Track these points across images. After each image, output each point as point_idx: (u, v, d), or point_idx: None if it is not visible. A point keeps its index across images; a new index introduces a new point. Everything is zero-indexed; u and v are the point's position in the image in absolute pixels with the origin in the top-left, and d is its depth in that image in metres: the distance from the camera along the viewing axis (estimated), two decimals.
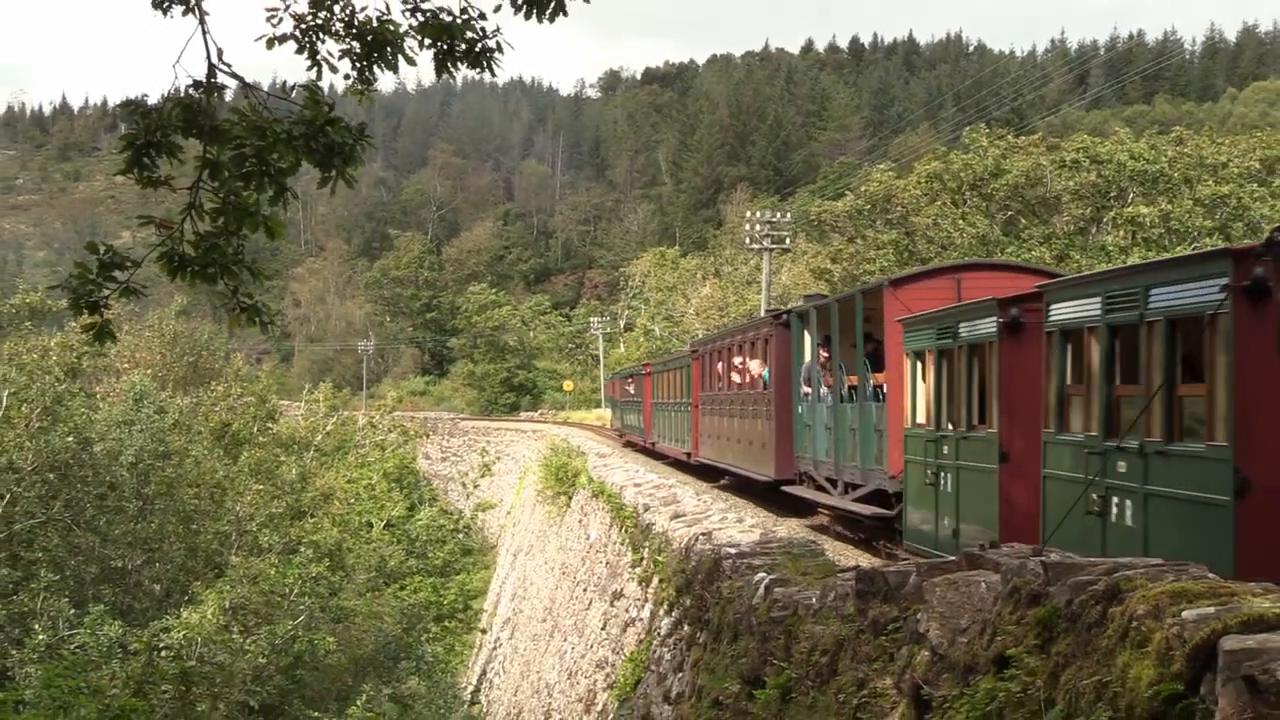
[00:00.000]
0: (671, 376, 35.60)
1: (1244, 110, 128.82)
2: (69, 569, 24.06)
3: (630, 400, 47.10)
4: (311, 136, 7.74)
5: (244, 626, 22.00)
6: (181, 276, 8.04)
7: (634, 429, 45.69)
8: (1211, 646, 4.77)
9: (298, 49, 8.41)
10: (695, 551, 15.58)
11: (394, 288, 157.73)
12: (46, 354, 27.81)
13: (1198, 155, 44.42)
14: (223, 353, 53.63)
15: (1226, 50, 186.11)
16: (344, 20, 8.43)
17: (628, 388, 48.02)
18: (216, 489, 28.01)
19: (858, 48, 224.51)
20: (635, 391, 45.32)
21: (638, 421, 44.02)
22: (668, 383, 36.29)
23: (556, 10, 8.08)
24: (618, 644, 20.23)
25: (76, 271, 7.91)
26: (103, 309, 8.04)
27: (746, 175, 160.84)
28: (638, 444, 44.26)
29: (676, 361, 35.64)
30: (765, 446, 22.90)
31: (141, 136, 7.81)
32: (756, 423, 23.70)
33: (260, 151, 7.64)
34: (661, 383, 37.68)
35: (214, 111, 7.93)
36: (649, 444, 40.54)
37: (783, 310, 24.09)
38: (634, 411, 45.68)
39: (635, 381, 45.77)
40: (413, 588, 40.04)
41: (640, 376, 43.81)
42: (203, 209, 8.00)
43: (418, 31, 8.28)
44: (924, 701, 7.24)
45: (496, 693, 37.69)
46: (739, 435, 25.44)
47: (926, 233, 47.60)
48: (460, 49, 8.26)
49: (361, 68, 8.46)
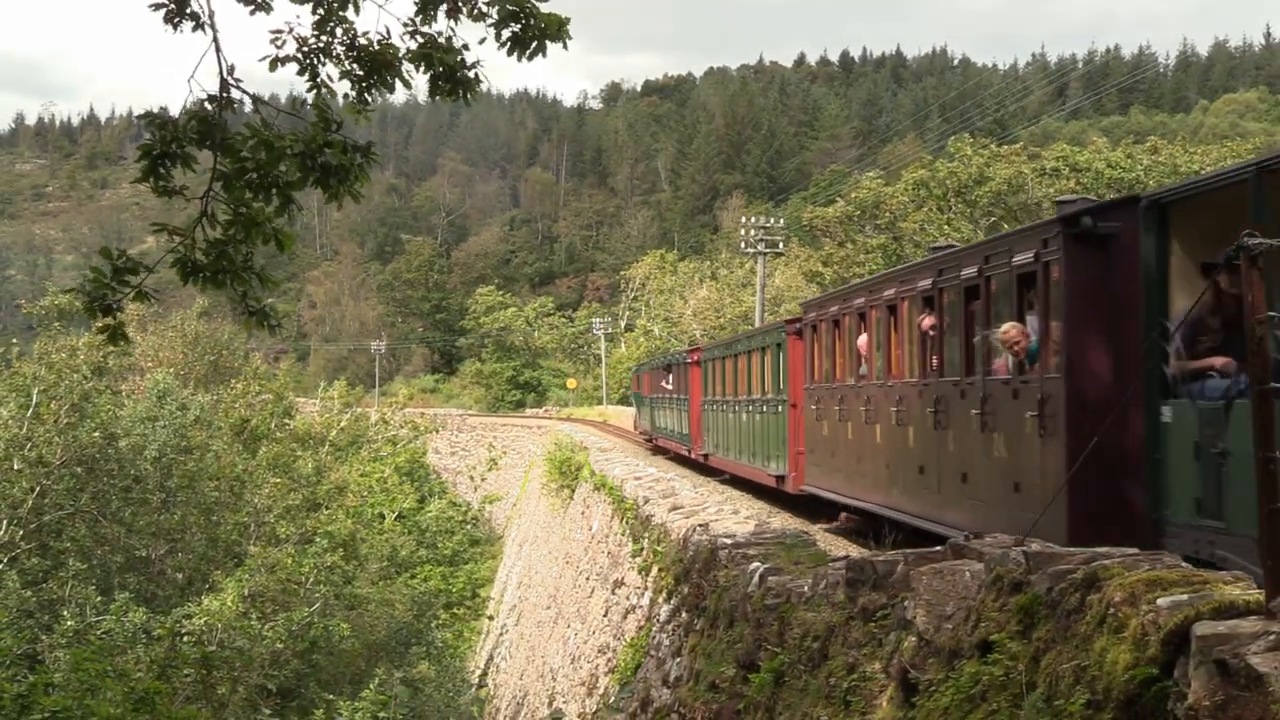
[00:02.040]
0: (742, 364, 25.70)
1: (1215, 121, 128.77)
2: (96, 558, 24.27)
3: (667, 397, 37.54)
4: (309, 156, 7.82)
5: (262, 613, 22.36)
6: (194, 281, 8.13)
7: (671, 434, 36.69)
8: (1185, 632, 4.85)
9: (299, 70, 8.37)
10: (693, 542, 15.66)
11: (405, 290, 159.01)
12: (74, 353, 27.21)
13: (1172, 164, 44.55)
14: (242, 352, 52.06)
15: (1198, 64, 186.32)
16: (345, 44, 8.38)
17: (663, 381, 38.52)
18: (236, 482, 28.20)
19: (848, 61, 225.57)
20: (676, 386, 35.51)
21: (678, 424, 34.78)
22: (734, 372, 26.48)
23: (536, 51, 8.11)
24: (619, 630, 20.46)
25: (91, 275, 7.91)
26: (116, 312, 8.02)
27: (742, 182, 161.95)
28: (676, 453, 35.79)
29: (754, 342, 24.90)
30: (1035, 481, 10.88)
31: (158, 147, 7.85)
32: (999, 438, 11.74)
33: (264, 165, 7.72)
34: (721, 373, 28.01)
35: (225, 125, 7.96)
36: (698, 455, 30.74)
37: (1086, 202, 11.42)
38: (672, 411, 36.32)
39: (677, 373, 35.53)
40: (423, 576, 40.70)
41: (683, 366, 33.94)
42: (214, 218, 8.04)
43: (410, 58, 8.28)
44: (911, 685, 7.29)
45: (503, 677, 37.89)
46: (940, 456, 13.39)
47: (914, 237, 47.81)
48: (441, 75, 8.23)
49: (361, 89, 8.41)
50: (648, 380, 44.17)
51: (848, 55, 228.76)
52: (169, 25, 8.01)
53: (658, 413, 40.15)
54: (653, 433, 41.49)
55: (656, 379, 40.58)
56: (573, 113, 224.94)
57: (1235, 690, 4.41)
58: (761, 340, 24.31)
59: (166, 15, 8.01)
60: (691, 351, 34.17)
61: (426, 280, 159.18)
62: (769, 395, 22.83)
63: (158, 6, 7.98)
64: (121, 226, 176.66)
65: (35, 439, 24.40)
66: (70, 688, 13.96)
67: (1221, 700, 4.47)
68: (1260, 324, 5.26)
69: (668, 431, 37.44)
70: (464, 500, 62.31)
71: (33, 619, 20.85)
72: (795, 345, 21.10)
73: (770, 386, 22.84)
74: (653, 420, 41.75)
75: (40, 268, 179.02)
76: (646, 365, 49.14)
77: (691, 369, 32.11)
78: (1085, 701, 5.31)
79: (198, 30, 8.00)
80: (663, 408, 38.64)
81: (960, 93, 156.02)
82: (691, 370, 32.09)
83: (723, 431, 27.47)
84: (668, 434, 37.45)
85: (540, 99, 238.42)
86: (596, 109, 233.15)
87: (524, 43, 8.11)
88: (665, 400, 37.91)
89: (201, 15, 8.02)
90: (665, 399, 37.84)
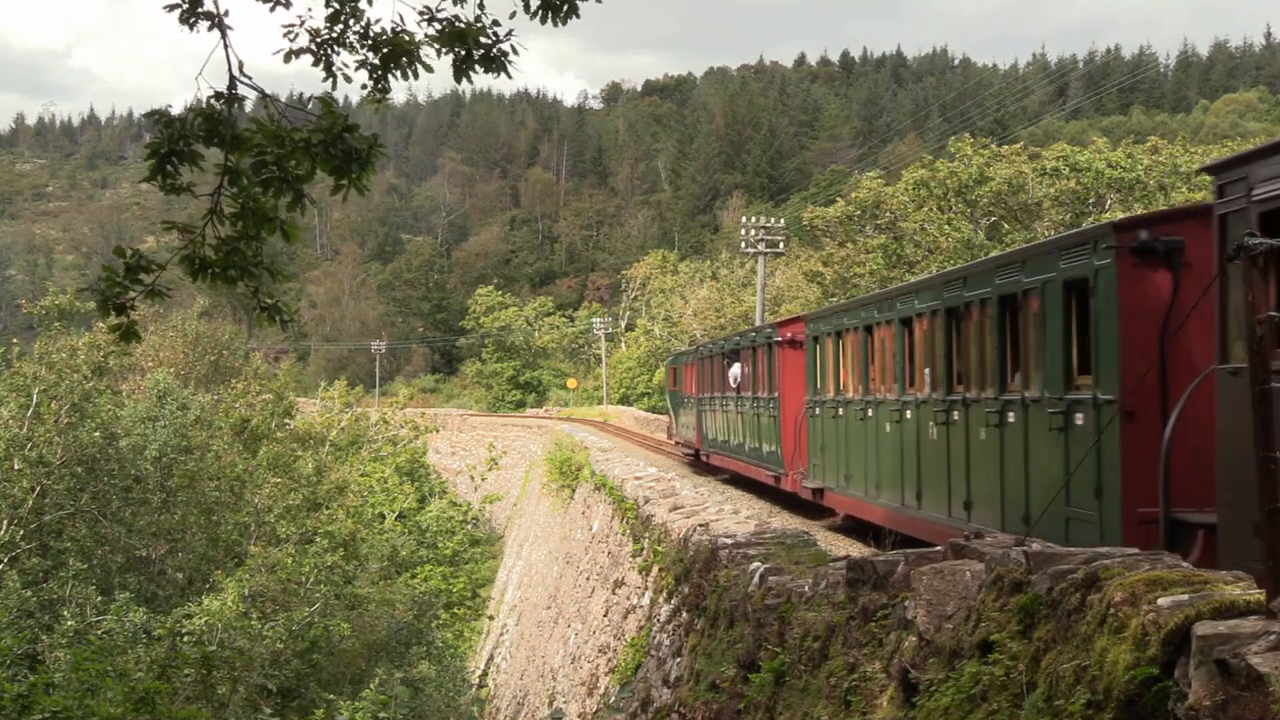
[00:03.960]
0: (918, 332, 15.17)
1: (1215, 121, 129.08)
2: (96, 558, 24.29)
3: (721, 401, 28.15)
4: (330, 143, 7.75)
5: (262, 613, 22.31)
6: (203, 279, 8.10)
7: (739, 451, 26.15)
8: (1185, 632, 4.85)
9: (314, 62, 8.37)
10: (693, 542, 15.69)
11: (405, 290, 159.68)
12: (75, 353, 27.09)
13: (1172, 163, 44.51)
14: (242, 352, 51.93)
15: (1199, 64, 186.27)
16: (359, 33, 8.38)
17: (730, 371, 27.49)
18: (236, 482, 28.05)
19: (848, 61, 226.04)
20: (750, 382, 25.24)
21: (754, 437, 24.37)
22: (895, 351, 15.93)
23: (569, 14, 8.07)
24: (619, 630, 20.46)
25: (104, 274, 7.91)
26: (129, 310, 8.05)
27: (742, 182, 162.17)
28: (745, 476, 26.18)
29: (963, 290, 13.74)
30: None
31: (165, 145, 7.84)
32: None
33: (280, 159, 7.68)
34: (857, 353, 17.67)
35: (235, 121, 7.93)
36: (800, 488, 20.94)
37: None
38: (743, 417, 25.54)
39: (749, 359, 25.41)
40: (423, 576, 40.37)
41: (763, 349, 23.65)
42: (223, 214, 8.01)
43: (434, 40, 8.21)
44: (911, 685, 7.30)
45: (503, 676, 37.88)
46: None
47: (914, 237, 47.85)
48: (477, 54, 8.19)
49: (378, 78, 8.38)
50: (693, 374, 33.86)
51: (848, 55, 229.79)
52: (184, 25, 8.03)
53: (712, 418, 30.12)
54: (703, 447, 31.37)
55: (710, 372, 30.46)
56: (573, 113, 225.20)
57: (1236, 690, 4.41)
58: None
59: (182, 15, 8.03)
60: (785, 325, 22.96)
61: (426, 280, 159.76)
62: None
63: (172, 7, 8.00)
64: (122, 226, 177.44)
65: (35, 439, 24.41)
66: (70, 688, 13.90)
67: (1222, 700, 4.47)
68: (1260, 324, 5.25)
69: (733, 447, 26.84)
70: (464, 500, 62.31)
71: (33, 619, 20.83)
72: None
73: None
74: (702, 429, 31.65)
75: (40, 268, 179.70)
76: (688, 354, 37.88)
77: (783, 352, 22.16)
78: (1085, 701, 5.31)
79: (213, 30, 8.04)
80: (714, 410, 29.34)
81: (960, 93, 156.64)
82: (783, 354, 22.17)
83: (859, 454, 17.35)
84: (734, 451, 26.77)
85: (540, 99, 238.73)
86: (597, 109, 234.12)
87: (555, 7, 8.12)
88: (717, 403, 28.80)
89: (216, 14, 8.03)
90: (725, 400, 27.92)
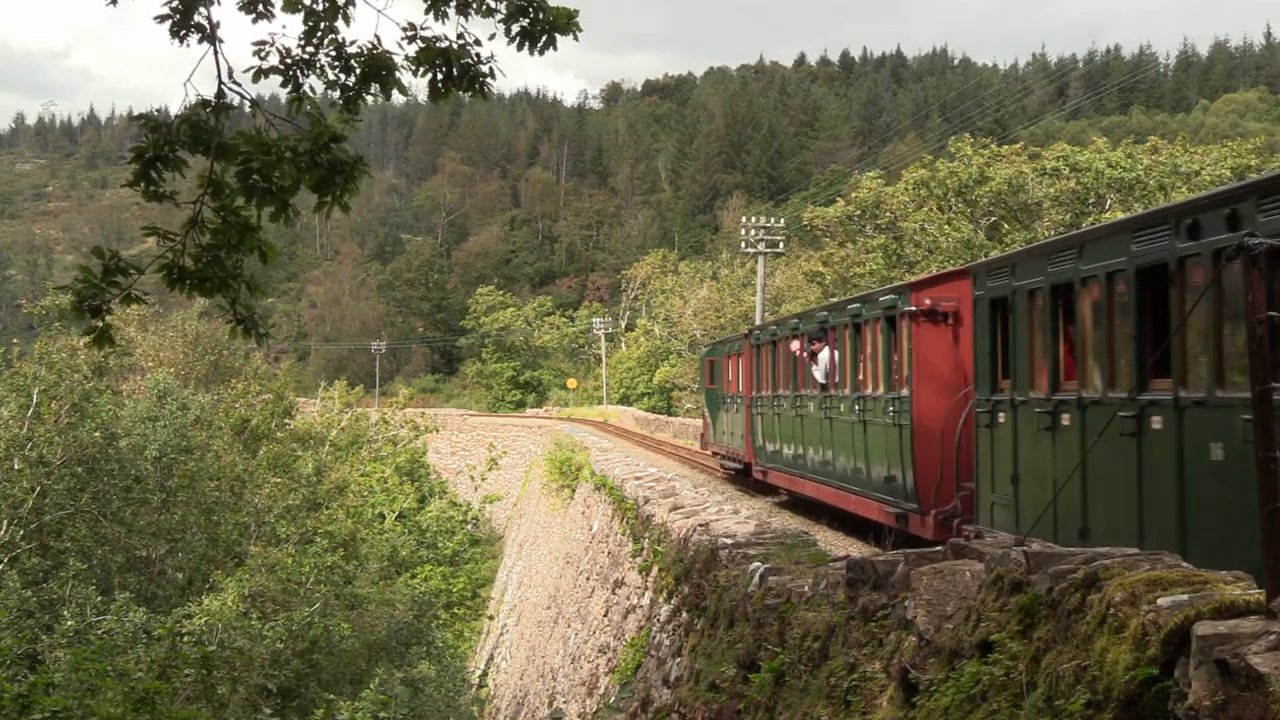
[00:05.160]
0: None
1: (1215, 121, 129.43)
2: (96, 558, 24.27)
3: (791, 400, 21.24)
4: (315, 154, 7.58)
5: (262, 613, 22.30)
6: (180, 288, 7.93)
7: (820, 470, 19.19)
8: (1185, 632, 4.84)
9: (283, 83, 8.20)
10: (693, 542, 15.70)
11: (405, 290, 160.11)
12: (74, 353, 26.88)
13: (1172, 163, 44.43)
14: (242, 352, 51.16)
15: (1199, 64, 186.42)
16: (331, 55, 8.19)
17: (783, 363, 22.17)
18: (236, 482, 28.05)
19: (848, 61, 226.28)
20: (847, 373, 17.86)
21: (846, 454, 17.72)
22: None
23: (547, 45, 8.06)
24: (619, 630, 20.48)
25: (81, 274, 7.71)
26: (104, 313, 7.81)
27: (742, 182, 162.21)
28: (830, 505, 19.00)
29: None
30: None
31: (150, 150, 7.70)
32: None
33: (265, 167, 7.48)
34: (1046, 331, 11.32)
35: (222, 129, 7.78)
36: (936, 531, 13.98)
37: None
38: (829, 424, 18.63)
39: (841, 340, 18.27)
40: (423, 576, 40.68)
41: (875, 325, 16.51)
42: (204, 224, 7.85)
43: (414, 60, 8.10)
44: (911, 685, 7.30)
45: (503, 676, 37.92)
46: None
47: (914, 237, 47.73)
48: (455, 74, 8.11)
49: (350, 97, 8.21)
50: (742, 366, 26.20)
51: (848, 55, 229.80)
52: (175, 39, 7.91)
53: (774, 423, 22.69)
54: (758, 460, 24.24)
55: (772, 362, 23.14)
56: (573, 113, 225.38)
57: (1236, 690, 4.41)
58: None
59: (172, 28, 7.91)
60: (922, 287, 15.24)
61: (426, 280, 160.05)
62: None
63: (163, 19, 7.90)
64: (121, 226, 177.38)
65: (35, 439, 24.42)
66: (70, 688, 13.76)
67: (1222, 700, 4.46)
68: (1260, 324, 5.23)
69: (814, 465, 19.78)
70: (464, 500, 62.37)
71: (33, 619, 20.82)
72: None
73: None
74: (758, 438, 24.20)
75: (40, 268, 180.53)
76: (733, 342, 29.08)
77: (920, 329, 14.73)
78: (1085, 701, 5.30)
79: (203, 42, 7.92)
80: (794, 414, 21.10)
81: (960, 93, 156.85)
82: (920, 332, 14.74)
83: (1114, 493, 10.43)
84: (815, 470, 19.72)
85: (540, 99, 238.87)
86: (597, 109, 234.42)
87: (534, 36, 8.09)
88: (801, 401, 20.67)
89: (206, 27, 7.93)
90: (798, 399, 20.84)
